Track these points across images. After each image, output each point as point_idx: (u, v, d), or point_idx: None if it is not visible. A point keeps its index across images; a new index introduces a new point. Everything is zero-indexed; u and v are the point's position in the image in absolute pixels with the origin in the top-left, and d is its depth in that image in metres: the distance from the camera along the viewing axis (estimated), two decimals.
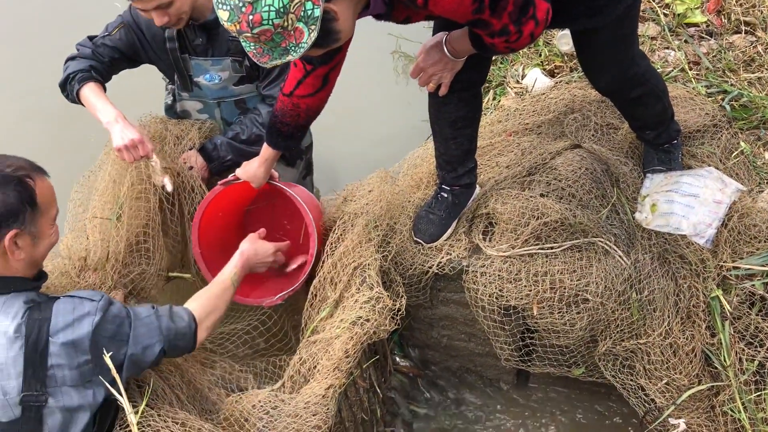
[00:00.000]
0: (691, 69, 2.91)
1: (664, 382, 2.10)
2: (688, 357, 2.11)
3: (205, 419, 1.78)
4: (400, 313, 2.13)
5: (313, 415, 1.76)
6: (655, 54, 3.00)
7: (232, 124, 2.69)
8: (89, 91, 2.35)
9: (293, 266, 2.55)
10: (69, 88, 2.39)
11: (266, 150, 2.23)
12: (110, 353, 1.54)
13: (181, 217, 2.55)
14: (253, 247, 2.18)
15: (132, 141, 2.24)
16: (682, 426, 2.04)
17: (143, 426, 1.59)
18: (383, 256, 2.28)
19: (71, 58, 2.45)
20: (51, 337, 1.48)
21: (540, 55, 3.19)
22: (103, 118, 2.29)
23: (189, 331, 1.75)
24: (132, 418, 1.51)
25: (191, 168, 2.51)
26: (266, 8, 1.40)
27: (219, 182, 2.38)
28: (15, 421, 1.51)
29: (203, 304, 1.85)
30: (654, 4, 3.20)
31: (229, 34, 2.44)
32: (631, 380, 2.19)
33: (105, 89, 2.42)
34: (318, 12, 1.44)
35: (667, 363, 2.11)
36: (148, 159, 2.30)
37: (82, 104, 2.39)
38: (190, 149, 2.56)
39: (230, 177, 2.35)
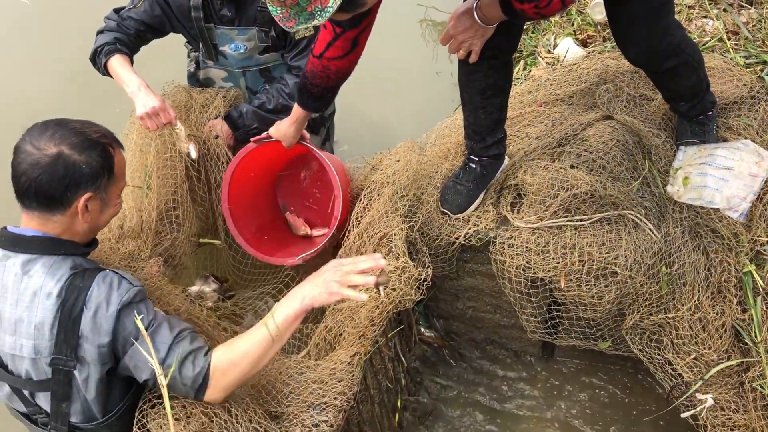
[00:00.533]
0: (729, 39, 2.82)
1: (692, 356, 2.08)
2: (718, 332, 2.08)
3: None
4: (426, 283, 2.13)
5: (339, 381, 1.78)
6: (692, 23, 2.92)
7: (256, 92, 2.69)
8: (115, 63, 2.37)
9: (320, 233, 2.57)
10: (98, 61, 2.42)
11: (297, 110, 2.24)
12: (124, 346, 1.53)
13: (207, 184, 2.57)
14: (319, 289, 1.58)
15: (154, 108, 2.26)
16: (710, 401, 2.02)
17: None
18: (410, 227, 2.27)
19: (99, 32, 2.47)
20: (85, 307, 1.50)
21: (572, 24, 3.13)
22: (128, 87, 2.32)
23: (191, 388, 1.55)
24: (161, 380, 1.52)
25: (217, 137, 2.52)
26: None
27: (252, 139, 2.39)
28: (46, 381, 1.54)
29: (234, 360, 1.56)
30: None
31: (258, 4, 2.43)
32: (659, 354, 2.17)
33: (132, 61, 2.44)
34: None
35: (695, 338, 2.08)
36: (172, 126, 2.32)
37: (111, 76, 2.41)
38: (216, 117, 2.57)
39: (263, 135, 2.36)
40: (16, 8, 4.81)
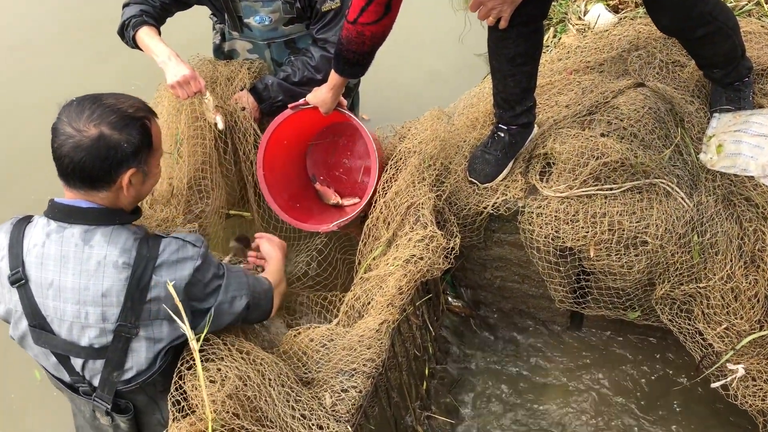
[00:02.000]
0: (766, 2, 2.74)
1: (723, 326, 2.06)
2: (750, 302, 2.05)
3: (267, 352, 1.83)
4: (453, 252, 2.13)
5: (367, 348, 1.80)
6: None
7: (282, 64, 2.68)
8: (143, 35, 2.37)
9: (350, 202, 2.59)
10: (126, 34, 2.42)
11: (333, 77, 2.23)
12: (201, 296, 1.64)
13: (235, 155, 2.58)
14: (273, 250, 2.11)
15: (185, 77, 2.27)
16: (741, 372, 2.00)
17: (208, 353, 1.65)
18: (437, 196, 2.27)
19: (126, 5, 2.47)
20: (154, 274, 1.55)
21: None
22: (158, 57, 2.33)
23: (269, 294, 1.85)
24: (193, 344, 1.55)
25: (244, 109, 2.52)
26: None
27: (289, 105, 2.40)
28: (104, 348, 1.58)
29: (274, 277, 1.94)
30: None
31: None
32: (689, 324, 2.15)
33: (159, 32, 2.44)
34: None
35: (727, 308, 2.06)
36: (201, 95, 2.33)
37: (141, 49, 2.42)
38: (241, 90, 2.57)
39: (299, 102, 2.37)
40: None
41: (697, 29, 2.05)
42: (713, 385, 2.06)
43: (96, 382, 1.62)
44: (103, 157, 1.53)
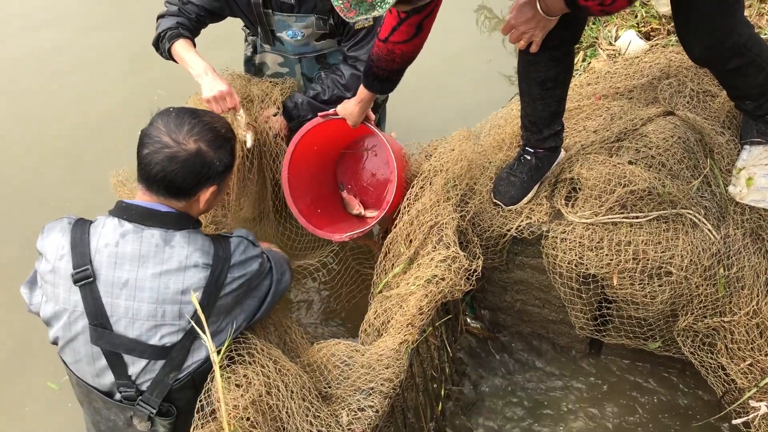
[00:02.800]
0: None
1: (747, 362, 2.03)
2: None
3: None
4: (476, 274, 2.12)
5: (386, 368, 1.79)
6: (763, 18, 2.81)
7: (312, 78, 2.70)
8: (179, 47, 2.40)
9: (372, 214, 2.59)
10: (161, 46, 2.45)
11: (362, 91, 2.26)
12: (263, 284, 1.78)
13: (259, 174, 2.59)
14: None
15: (221, 92, 2.30)
16: (764, 409, 1.97)
17: (240, 352, 1.69)
18: (461, 216, 2.26)
19: (161, 16, 2.50)
20: (229, 272, 1.64)
21: (636, 16, 3.05)
22: (194, 71, 2.36)
23: (287, 263, 1.95)
24: (214, 357, 1.56)
25: (276, 135, 2.54)
26: None
27: (319, 114, 2.43)
28: (171, 346, 1.61)
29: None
30: None
31: None
32: (711, 358, 2.12)
33: (194, 44, 2.47)
34: None
35: (752, 343, 2.02)
36: (235, 111, 2.35)
37: (175, 61, 2.45)
38: (275, 114, 2.58)
39: (330, 111, 2.40)
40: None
41: (729, 61, 2.03)
42: (735, 422, 2.02)
43: (145, 387, 1.64)
44: (197, 173, 1.62)
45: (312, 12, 2.49)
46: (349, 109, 2.35)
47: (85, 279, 1.58)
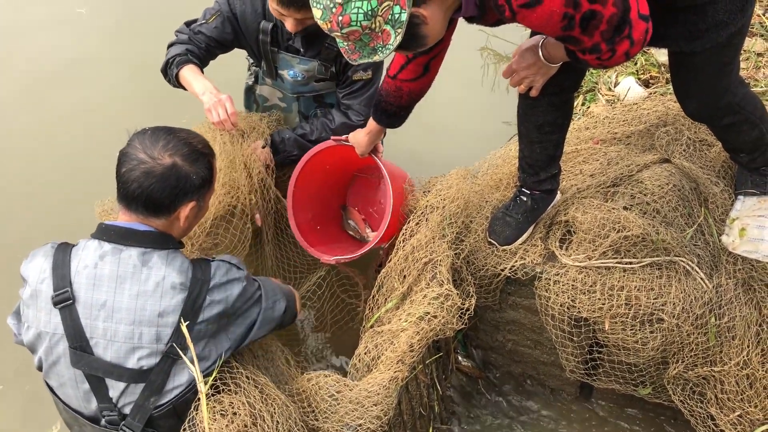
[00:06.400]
0: None
1: (736, 414, 2.02)
2: (766, 390, 2.02)
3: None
4: (468, 312, 2.12)
5: (375, 405, 1.79)
6: (760, 71, 2.87)
7: (308, 117, 2.74)
8: (187, 72, 2.42)
9: (371, 238, 2.61)
10: (169, 72, 2.47)
11: (371, 123, 2.30)
12: (248, 311, 1.74)
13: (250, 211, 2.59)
14: None
15: (220, 99, 2.33)
16: None
17: (225, 381, 1.69)
18: (456, 254, 2.27)
19: (171, 44, 2.53)
20: (208, 295, 1.62)
21: (635, 64, 3.10)
22: (198, 89, 2.38)
23: (293, 294, 1.94)
24: (201, 386, 1.56)
25: (268, 167, 2.56)
26: (355, 10, 1.44)
27: (332, 137, 2.48)
28: (148, 370, 1.60)
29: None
30: (764, 18, 3.05)
31: (326, 41, 2.47)
32: (701, 408, 2.11)
33: (202, 72, 2.50)
34: (405, 17, 1.46)
35: (742, 394, 2.03)
36: (233, 127, 2.38)
37: (183, 87, 2.48)
38: (263, 146, 2.58)
39: (342, 138, 2.45)
40: (72, 18, 4.92)
41: (723, 118, 2.07)
42: None
43: (127, 410, 1.63)
44: (173, 186, 1.62)
45: (316, 57, 2.53)
46: (358, 138, 2.40)
47: (64, 301, 1.59)
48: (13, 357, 2.76)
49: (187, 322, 1.58)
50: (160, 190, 1.61)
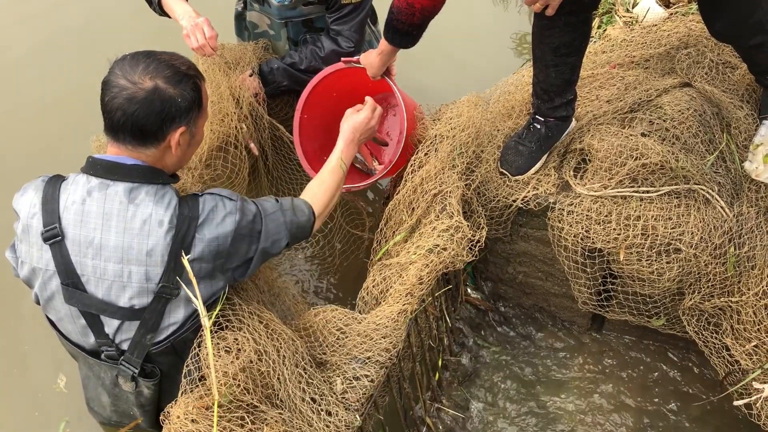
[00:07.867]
0: None
1: (752, 344, 1.98)
2: None
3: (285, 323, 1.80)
4: (479, 244, 2.06)
5: (383, 338, 1.75)
6: None
7: (298, 42, 2.63)
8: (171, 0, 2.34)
9: (378, 169, 2.55)
10: (153, 0, 2.39)
11: (383, 43, 2.16)
12: (246, 247, 1.64)
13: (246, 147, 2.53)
14: (351, 123, 2.12)
15: (197, 23, 2.26)
16: (767, 392, 1.93)
17: (229, 318, 1.64)
18: (466, 185, 2.20)
19: None
20: (197, 233, 1.54)
21: None
22: (179, 15, 2.30)
23: (308, 224, 1.83)
24: (205, 322, 1.51)
25: (256, 95, 2.48)
26: None
27: (342, 59, 2.36)
28: (142, 309, 1.56)
29: (320, 197, 1.92)
30: None
31: None
32: (716, 338, 2.07)
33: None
34: None
35: (759, 324, 1.97)
36: (213, 51, 2.30)
37: (167, 15, 2.39)
38: (251, 74, 2.52)
39: (353, 59, 2.33)
40: None
41: (752, 37, 1.95)
42: (736, 403, 1.98)
43: (125, 346, 1.61)
44: (158, 111, 1.52)
45: None
46: (370, 59, 2.25)
47: (53, 237, 1.54)
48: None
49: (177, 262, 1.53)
50: (146, 116, 1.51)
